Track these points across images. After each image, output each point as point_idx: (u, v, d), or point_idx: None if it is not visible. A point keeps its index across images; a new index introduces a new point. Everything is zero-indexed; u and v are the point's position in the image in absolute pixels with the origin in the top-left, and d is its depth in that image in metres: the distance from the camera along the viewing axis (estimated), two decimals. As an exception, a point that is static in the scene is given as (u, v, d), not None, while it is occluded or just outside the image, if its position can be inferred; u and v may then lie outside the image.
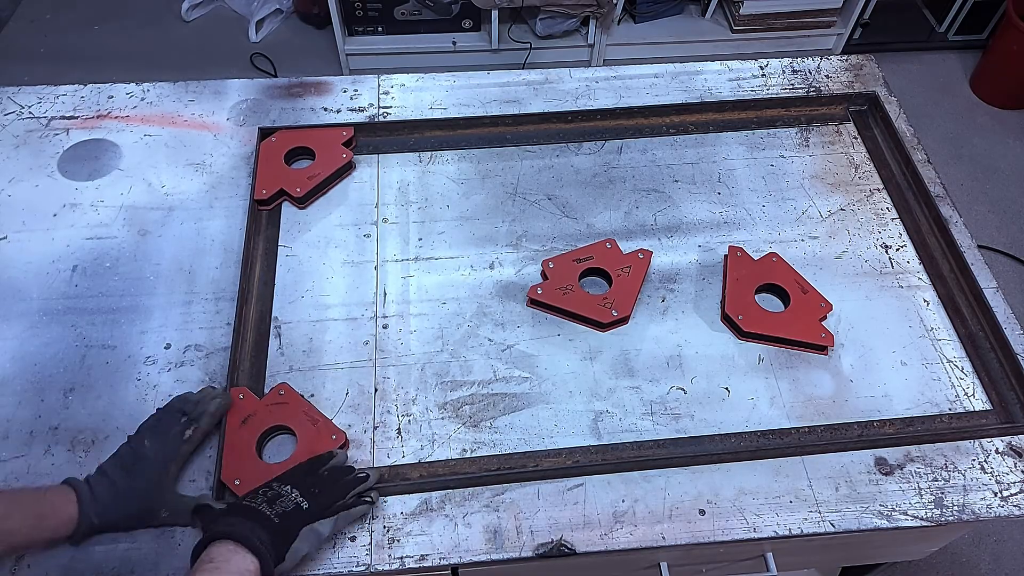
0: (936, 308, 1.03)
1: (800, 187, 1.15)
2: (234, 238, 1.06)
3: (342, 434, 0.88)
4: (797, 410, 0.94)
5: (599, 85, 1.27)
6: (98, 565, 0.80)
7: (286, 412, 0.89)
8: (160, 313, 0.99)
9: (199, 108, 1.21)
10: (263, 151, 1.12)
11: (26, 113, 1.19)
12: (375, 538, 0.83)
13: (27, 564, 0.80)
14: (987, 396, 0.96)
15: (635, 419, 0.92)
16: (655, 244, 1.08)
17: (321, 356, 0.96)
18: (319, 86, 1.25)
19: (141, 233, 1.07)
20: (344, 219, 1.10)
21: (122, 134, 1.17)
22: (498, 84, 1.26)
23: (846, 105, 1.25)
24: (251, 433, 0.87)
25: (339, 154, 1.13)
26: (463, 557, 0.83)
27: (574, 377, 0.95)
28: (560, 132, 1.21)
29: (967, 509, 0.87)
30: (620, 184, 1.15)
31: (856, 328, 1.00)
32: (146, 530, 0.82)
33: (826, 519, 0.86)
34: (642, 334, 0.99)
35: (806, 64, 1.31)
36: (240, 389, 0.91)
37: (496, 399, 0.94)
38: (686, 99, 1.24)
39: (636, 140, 1.20)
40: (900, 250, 1.09)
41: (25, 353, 0.95)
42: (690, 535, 0.85)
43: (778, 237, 1.09)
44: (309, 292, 1.02)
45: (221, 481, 0.84)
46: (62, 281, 1.02)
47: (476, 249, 1.07)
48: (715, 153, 1.19)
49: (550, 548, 0.83)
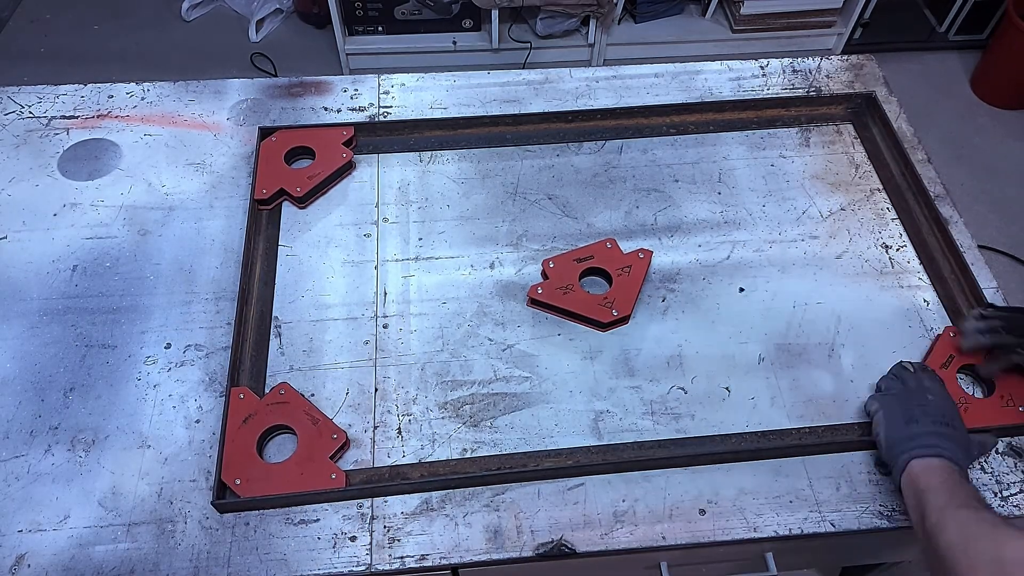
0: (936, 308, 1.03)
1: (800, 187, 1.15)
2: (234, 238, 1.06)
3: (343, 433, 0.88)
4: (797, 410, 0.94)
5: (599, 85, 1.27)
6: (98, 565, 0.80)
7: (287, 412, 0.89)
8: (160, 313, 0.99)
9: (199, 108, 1.21)
10: (263, 151, 1.12)
11: (26, 113, 1.19)
12: (375, 538, 0.83)
13: (27, 564, 0.80)
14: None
15: (635, 419, 0.92)
16: (655, 244, 1.08)
17: (321, 356, 0.96)
18: (319, 86, 1.25)
19: (141, 233, 1.07)
20: (344, 219, 1.10)
21: (122, 134, 1.17)
22: (498, 84, 1.26)
23: (846, 105, 1.25)
24: (252, 432, 0.87)
25: (339, 154, 1.13)
26: (463, 557, 0.83)
27: (574, 377, 0.95)
28: (560, 132, 1.21)
29: (967, 509, 0.87)
30: (620, 184, 1.15)
31: (856, 328, 1.00)
32: (146, 530, 0.82)
33: (826, 519, 0.86)
34: (642, 334, 0.99)
35: (806, 64, 1.31)
36: (240, 389, 0.91)
37: (496, 399, 0.94)
38: (686, 99, 1.24)
39: (636, 140, 1.20)
40: (900, 250, 1.09)
41: (25, 353, 0.95)
42: (690, 535, 0.85)
43: (778, 237, 1.09)
44: (309, 292, 1.02)
45: (221, 481, 0.84)
46: (62, 281, 1.02)
47: (476, 249, 1.07)
48: (715, 153, 1.19)
49: (550, 548, 0.83)
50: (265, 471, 0.85)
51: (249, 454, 0.86)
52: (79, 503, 0.84)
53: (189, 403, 0.92)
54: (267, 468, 0.86)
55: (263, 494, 0.84)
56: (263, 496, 0.84)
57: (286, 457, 0.87)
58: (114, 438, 0.89)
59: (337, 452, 0.88)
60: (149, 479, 0.86)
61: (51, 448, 0.88)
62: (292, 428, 0.89)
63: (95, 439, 0.89)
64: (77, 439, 0.89)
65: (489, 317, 1.00)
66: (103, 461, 0.87)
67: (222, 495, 0.84)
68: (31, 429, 0.89)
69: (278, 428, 0.89)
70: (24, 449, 0.88)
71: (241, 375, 0.94)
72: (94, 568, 0.80)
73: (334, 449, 0.87)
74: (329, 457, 0.87)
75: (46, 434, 0.89)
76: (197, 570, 0.80)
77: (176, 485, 0.86)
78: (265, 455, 0.88)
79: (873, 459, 0.90)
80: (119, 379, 0.93)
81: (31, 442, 0.88)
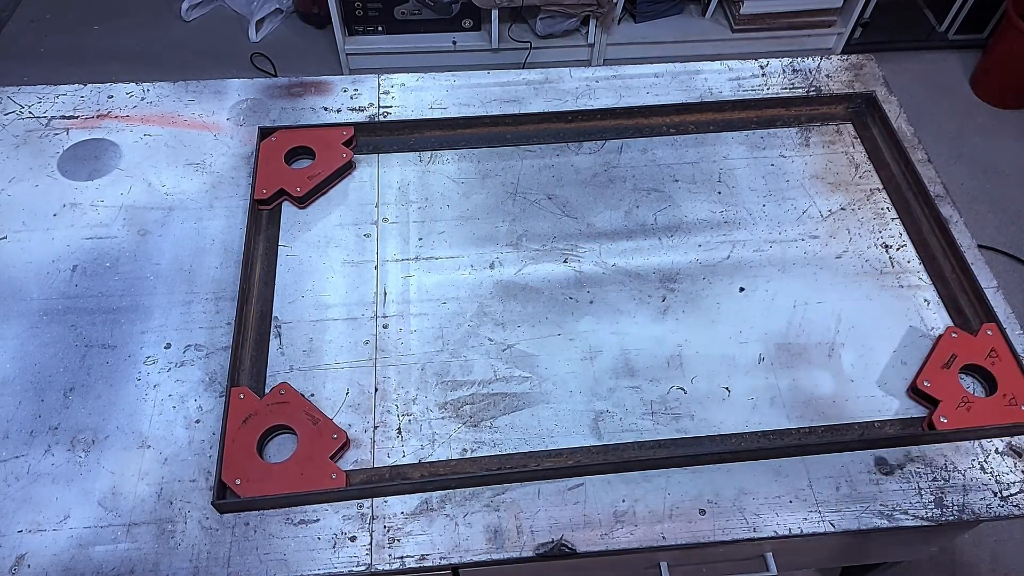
0: (936, 308, 1.03)
1: (800, 187, 1.15)
2: (234, 238, 1.06)
3: (343, 433, 0.88)
4: (797, 410, 0.94)
5: (599, 85, 1.27)
6: (98, 565, 0.80)
7: (287, 412, 0.89)
8: (160, 313, 0.99)
9: (199, 108, 1.21)
10: (263, 151, 1.12)
11: (26, 113, 1.19)
12: (375, 538, 0.83)
13: (27, 564, 0.80)
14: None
15: (635, 419, 0.92)
16: (655, 244, 1.08)
17: (321, 356, 0.96)
18: (319, 86, 1.25)
19: (141, 233, 1.07)
20: (344, 219, 1.10)
21: (122, 134, 1.17)
22: (498, 84, 1.26)
23: (846, 105, 1.25)
24: (252, 433, 0.87)
25: (339, 154, 1.13)
26: (463, 557, 0.83)
27: (574, 377, 0.95)
28: (560, 132, 1.21)
29: (967, 509, 0.87)
30: (620, 184, 1.15)
31: (856, 328, 1.00)
32: (146, 530, 0.82)
33: (826, 519, 0.86)
34: (642, 334, 0.99)
35: (806, 64, 1.31)
36: (241, 389, 0.91)
37: (496, 399, 0.94)
38: (686, 99, 1.24)
39: (636, 140, 1.20)
40: (900, 250, 1.09)
41: (25, 353, 0.95)
42: (690, 535, 0.85)
43: (778, 237, 1.09)
44: (309, 292, 1.02)
45: (222, 481, 0.84)
46: (62, 281, 1.02)
47: (476, 249, 1.07)
48: (715, 153, 1.19)
49: (550, 548, 0.83)
50: (265, 471, 0.85)
51: (249, 454, 0.86)
52: (79, 503, 0.84)
53: (189, 403, 0.92)
54: (267, 468, 0.86)
55: (263, 494, 0.84)
56: (263, 496, 0.84)
57: (286, 457, 0.87)
58: (114, 438, 0.89)
59: (337, 452, 0.88)
60: (149, 479, 0.86)
61: (51, 448, 0.88)
62: (292, 428, 0.89)
63: (95, 439, 0.89)
64: (77, 439, 0.89)
65: (489, 317, 1.00)
66: (103, 461, 0.87)
67: (222, 495, 0.84)
68: (31, 429, 0.89)
69: (278, 428, 0.89)
70: (24, 449, 0.88)
71: (241, 375, 0.94)
72: (94, 568, 0.80)
73: (334, 449, 0.87)
74: (329, 457, 0.87)
75: (46, 434, 0.89)
76: (197, 570, 0.80)
77: (176, 485, 0.86)
78: (265, 455, 0.88)
79: (873, 459, 0.90)
80: (119, 379, 0.93)
81: (31, 442, 0.88)
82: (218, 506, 0.84)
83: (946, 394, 0.92)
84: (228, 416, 0.88)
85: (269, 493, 0.84)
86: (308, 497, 0.85)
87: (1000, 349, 0.96)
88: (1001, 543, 1.74)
